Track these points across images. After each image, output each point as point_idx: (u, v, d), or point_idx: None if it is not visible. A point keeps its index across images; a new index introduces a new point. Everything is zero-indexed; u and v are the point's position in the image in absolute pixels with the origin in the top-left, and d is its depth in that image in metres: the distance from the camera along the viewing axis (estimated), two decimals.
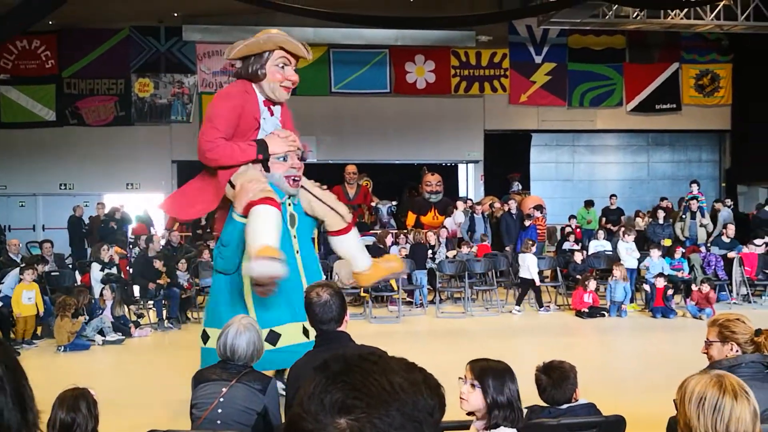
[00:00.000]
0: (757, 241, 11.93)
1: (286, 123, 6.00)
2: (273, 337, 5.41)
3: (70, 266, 12.39)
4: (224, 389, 3.53)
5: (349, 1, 14.53)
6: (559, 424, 3.21)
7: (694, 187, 14.66)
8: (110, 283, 9.96)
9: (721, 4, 15.87)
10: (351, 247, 6.26)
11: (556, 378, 3.36)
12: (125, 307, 9.78)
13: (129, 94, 17.14)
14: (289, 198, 5.71)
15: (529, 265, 10.91)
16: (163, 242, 12.24)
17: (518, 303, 11.06)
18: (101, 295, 9.62)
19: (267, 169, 5.63)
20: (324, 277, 6.61)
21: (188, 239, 13.58)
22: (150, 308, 10.50)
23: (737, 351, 3.24)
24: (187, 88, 17.39)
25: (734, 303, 11.23)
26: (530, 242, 11.47)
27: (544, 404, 3.43)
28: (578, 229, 14.71)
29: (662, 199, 15.92)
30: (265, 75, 5.65)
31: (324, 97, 17.57)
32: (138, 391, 6.74)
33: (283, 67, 5.68)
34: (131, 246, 14.00)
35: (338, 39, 17.12)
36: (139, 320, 10.01)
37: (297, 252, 5.71)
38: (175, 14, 16.55)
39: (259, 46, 5.63)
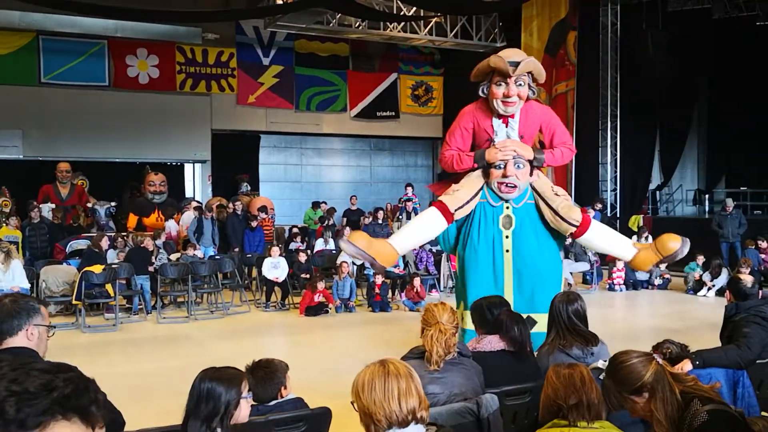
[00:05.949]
0: None
1: (528, 128, 6.74)
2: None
3: None
4: None
5: None
6: (267, 420, 3.21)
7: (409, 190, 15.88)
8: None
9: (433, 21, 17.25)
10: (601, 243, 6.77)
11: (260, 377, 3.38)
12: None
13: None
14: (506, 202, 6.56)
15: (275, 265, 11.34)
16: None
17: (267, 300, 11.27)
18: None
19: (488, 174, 6.60)
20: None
21: None
22: None
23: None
24: None
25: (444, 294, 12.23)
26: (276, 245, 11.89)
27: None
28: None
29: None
30: (488, 94, 6.65)
31: (32, 87, 16.03)
32: None
33: (500, 85, 6.51)
34: None
35: (49, 26, 15.72)
36: None
37: (507, 251, 6.50)
38: None
39: (483, 69, 6.68)
